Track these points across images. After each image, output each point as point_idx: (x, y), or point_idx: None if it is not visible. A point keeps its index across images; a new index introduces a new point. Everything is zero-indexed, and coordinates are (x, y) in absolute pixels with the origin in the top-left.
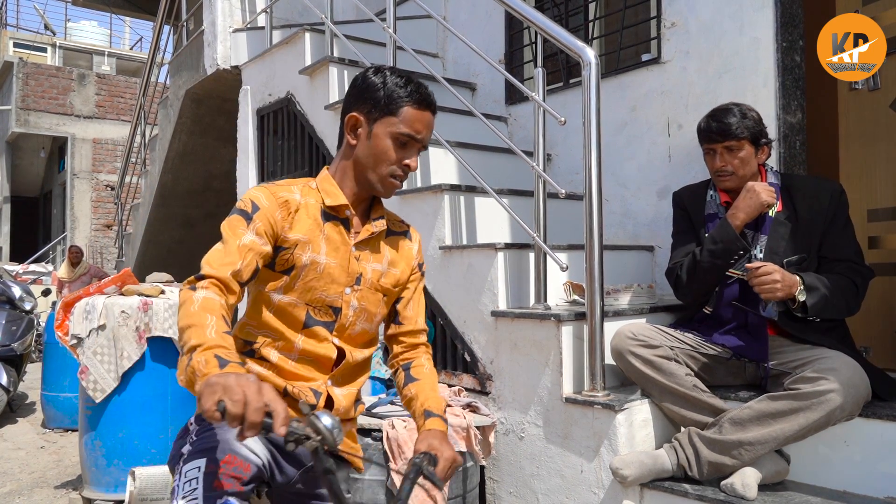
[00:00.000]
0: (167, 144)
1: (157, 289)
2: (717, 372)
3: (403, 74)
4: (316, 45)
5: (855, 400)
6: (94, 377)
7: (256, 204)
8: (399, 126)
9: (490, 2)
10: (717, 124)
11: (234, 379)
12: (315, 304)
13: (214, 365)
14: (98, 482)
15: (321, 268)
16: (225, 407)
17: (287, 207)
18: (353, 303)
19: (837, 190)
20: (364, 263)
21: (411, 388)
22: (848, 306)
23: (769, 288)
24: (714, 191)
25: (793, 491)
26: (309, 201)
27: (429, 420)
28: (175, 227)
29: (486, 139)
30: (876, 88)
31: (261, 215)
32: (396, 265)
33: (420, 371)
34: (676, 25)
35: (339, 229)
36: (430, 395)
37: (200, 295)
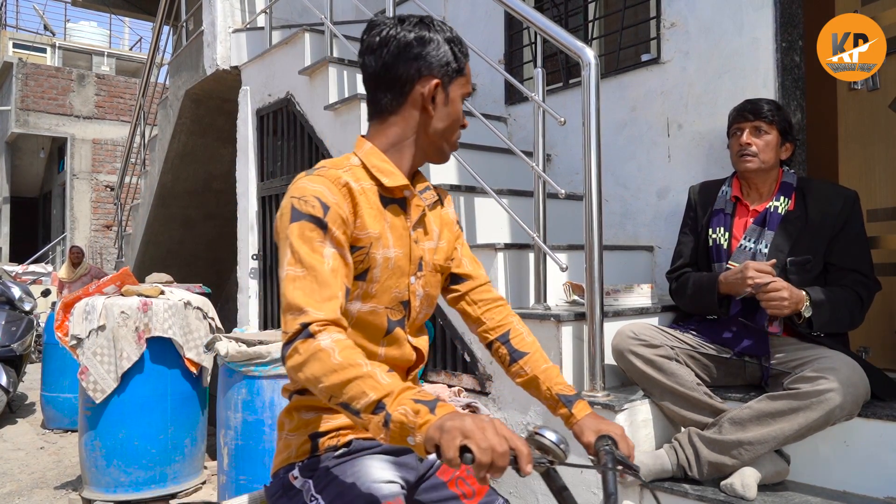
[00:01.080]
0: (167, 145)
1: (157, 289)
2: (717, 372)
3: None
4: (315, 46)
5: (854, 399)
6: (94, 377)
7: (325, 202)
8: (466, 85)
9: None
10: (752, 105)
11: (470, 422)
12: (392, 305)
13: (425, 411)
14: (98, 483)
15: (392, 262)
16: (473, 457)
17: (351, 197)
18: (419, 291)
19: (851, 197)
20: (422, 244)
21: (524, 367)
22: (852, 321)
23: (777, 305)
24: (728, 186)
25: (793, 491)
26: (364, 185)
27: (575, 407)
28: (175, 227)
29: (485, 139)
30: (875, 89)
31: (334, 219)
32: (443, 237)
33: (523, 341)
34: (676, 26)
35: (398, 213)
36: (552, 374)
37: (327, 342)
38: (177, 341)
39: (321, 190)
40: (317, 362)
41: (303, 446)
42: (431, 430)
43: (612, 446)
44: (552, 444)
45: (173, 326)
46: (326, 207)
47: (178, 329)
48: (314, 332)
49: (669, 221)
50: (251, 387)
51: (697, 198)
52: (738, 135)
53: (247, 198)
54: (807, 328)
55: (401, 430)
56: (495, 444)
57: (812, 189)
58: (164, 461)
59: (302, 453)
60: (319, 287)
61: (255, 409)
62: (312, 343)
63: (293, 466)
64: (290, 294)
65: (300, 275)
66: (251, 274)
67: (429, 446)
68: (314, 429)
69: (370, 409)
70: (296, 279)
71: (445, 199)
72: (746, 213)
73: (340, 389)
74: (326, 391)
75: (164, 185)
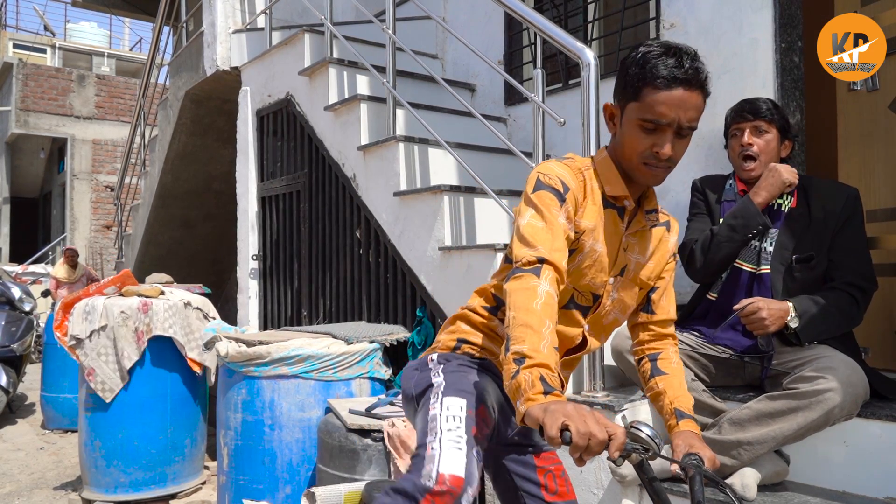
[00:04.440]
0: (167, 145)
1: (157, 290)
2: (717, 372)
3: (659, 49)
4: (315, 47)
5: (853, 399)
6: (101, 378)
7: (566, 184)
8: (641, 112)
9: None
10: (750, 105)
11: (572, 409)
12: (581, 289)
13: (539, 391)
14: (98, 483)
15: (597, 256)
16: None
17: (584, 188)
18: (614, 293)
19: (853, 194)
20: (630, 254)
21: (658, 383)
22: (848, 322)
23: (758, 325)
24: (733, 180)
25: (792, 491)
26: (594, 185)
27: (682, 421)
28: (175, 227)
29: (485, 140)
30: (875, 89)
31: (571, 197)
32: (654, 256)
33: (668, 365)
34: (675, 26)
35: (614, 218)
36: (680, 393)
37: (545, 289)
38: (178, 340)
39: (564, 174)
40: (525, 296)
41: (448, 343)
42: (536, 410)
43: (700, 461)
44: (647, 437)
45: (174, 326)
46: (567, 188)
47: (180, 329)
48: (542, 273)
49: None
50: (251, 387)
51: (705, 187)
52: (739, 135)
53: (247, 198)
54: (796, 339)
55: (515, 390)
56: (594, 431)
57: (814, 187)
58: (163, 461)
59: (445, 348)
60: (553, 238)
61: (255, 410)
62: (534, 281)
63: (434, 353)
64: (532, 234)
65: (541, 226)
66: (251, 274)
67: (529, 421)
68: (465, 337)
69: (514, 356)
70: (537, 227)
71: (673, 226)
72: None
73: (517, 326)
74: (510, 318)
75: (164, 186)
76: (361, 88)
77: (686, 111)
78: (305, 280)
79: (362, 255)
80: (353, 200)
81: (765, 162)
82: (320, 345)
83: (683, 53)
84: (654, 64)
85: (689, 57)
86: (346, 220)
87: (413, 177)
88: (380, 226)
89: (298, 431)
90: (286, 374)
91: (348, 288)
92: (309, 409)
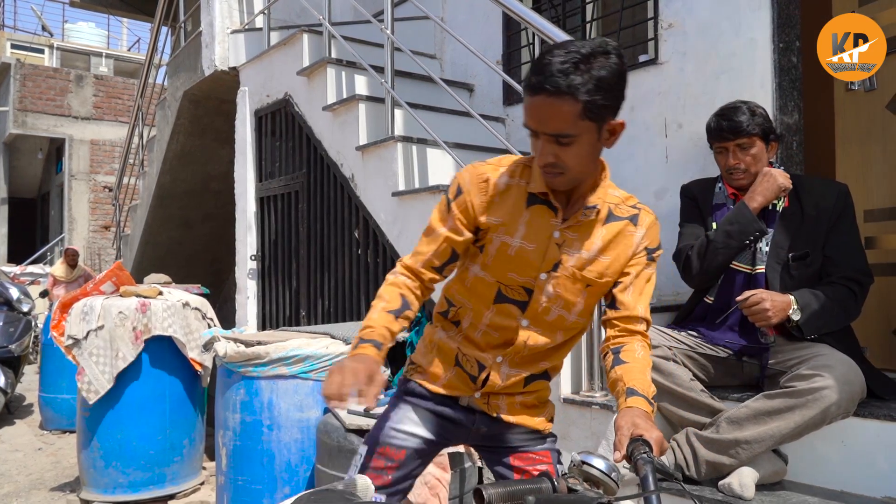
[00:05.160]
0: (165, 145)
1: (155, 290)
2: (715, 372)
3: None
4: (314, 47)
5: (850, 396)
6: (88, 378)
7: (460, 188)
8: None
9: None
10: (728, 123)
11: (348, 362)
12: (506, 283)
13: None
14: (96, 484)
15: (513, 250)
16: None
17: (485, 189)
18: (548, 289)
19: (843, 191)
20: (568, 249)
21: (617, 371)
22: (847, 316)
23: (762, 316)
24: (722, 183)
25: (790, 490)
26: (519, 182)
27: (631, 398)
28: (173, 227)
29: (484, 140)
30: (872, 89)
31: (460, 202)
32: (608, 252)
33: (630, 356)
34: (674, 26)
35: (544, 213)
36: (638, 377)
37: (391, 277)
38: (179, 340)
39: (464, 178)
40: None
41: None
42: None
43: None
44: (601, 474)
45: (174, 325)
46: (459, 192)
47: (179, 328)
48: (396, 270)
49: (668, 222)
50: (250, 387)
51: (695, 192)
52: (724, 153)
53: (245, 198)
54: (798, 332)
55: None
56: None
57: (804, 185)
58: (162, 462)
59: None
60: (421, 245)
61: (254, 410)
62: (389, 276)
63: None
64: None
65: (423, 237)
66: (250, 274)
67: None
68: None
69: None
70: (422, 237)
71: (642, 219)
72: None
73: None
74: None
75: (162, 186)
76: (360, 88)
77: (546, 120)
78: (304, 280)
79: (361, 255)
80: (351, 201)
81: (755, 173)
82: (319, 345)
83: (558, 57)
84: (531, 67)
85: (566, 61)
86: (344, 221)
87: (411, 177)
88: (378, 226)
89: (297, 432)
90: (285, 375)
91: (347, 288)
92: (307, 409)
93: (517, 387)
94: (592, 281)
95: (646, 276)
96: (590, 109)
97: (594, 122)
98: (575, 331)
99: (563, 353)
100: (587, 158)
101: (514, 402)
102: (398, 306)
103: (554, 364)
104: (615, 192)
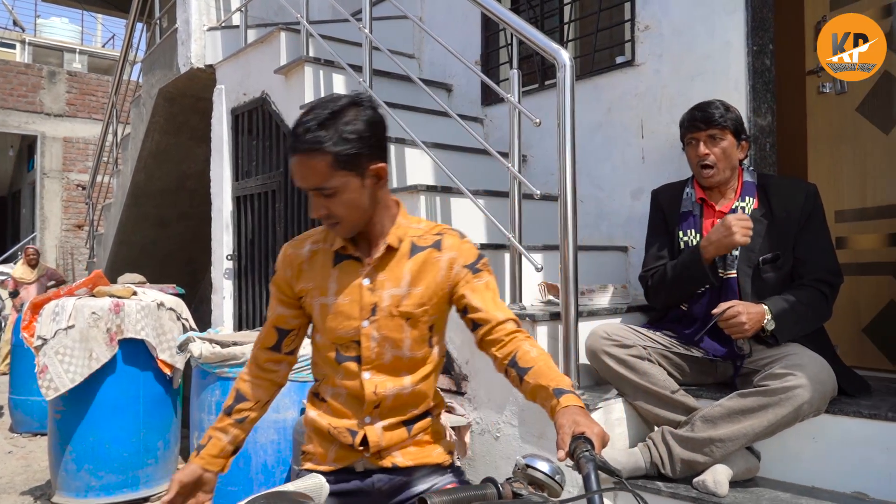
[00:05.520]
0: (140, 143)
1: (129, 290)
2: (690, 371)
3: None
4: (291, 45)
5: (822, 395)
6: (50, 376)
7: (276, 270)
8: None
9: (466, 3)
10: (702, 113)
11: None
12: (339, 342)
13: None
14: (68, 487)
15: (331, 308)
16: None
17: (293, 264)
18: (374, 334)
19: (812, 191)
20: (380, 292)
21: (528, 380)
22: (819, 318)
23: (738, 329)
24: (691, 188)
25: (763, 487)
26: (323, 246)
27: (562, 397)
28: (148, 226)
29: (462, 140)
30: (843, 92)
31: (277, 281)
32: (419, 283)
33: (528, 358)
34: (650, 28)
35: (351, 266)
36: (552, 375)
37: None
38: (150, 343)
39: (279, 260)
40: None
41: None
42: None
43: (591, 449)
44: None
45: (146, 328)
46: (275, 275)
47: (152, 330)
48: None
49: (644, 222)
50: (225, 388)
51: (664, 200)
52: (694, 144)
53: (221, 197)
54: (773, 339)
55: None
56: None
57: (773, 186)
58: (136, 464)
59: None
60: (261, 332)
61: None
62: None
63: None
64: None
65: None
66: (226, 274)
67: None
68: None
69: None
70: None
71: (445, 243)
72: (713, 214)
73: None
74: None
75: (136, 185)
76: (338, 87)
77: (306, 177)
78: None
79: None
80: None
81: (722, 168)
82: None
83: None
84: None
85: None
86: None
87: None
88: None
89: (273, 432)
90: None
91: None
92: (284, 409)
93: (402, 436)
94: (411, 314)
95: (482, 287)
96: (340, 161)
97: (350, 170)
98: (422, 365)
99: (428, 389)
100: (358, 204)
101: (407, 448)
102: (231, 402)
103: (428, 404)
104: (418, 226)
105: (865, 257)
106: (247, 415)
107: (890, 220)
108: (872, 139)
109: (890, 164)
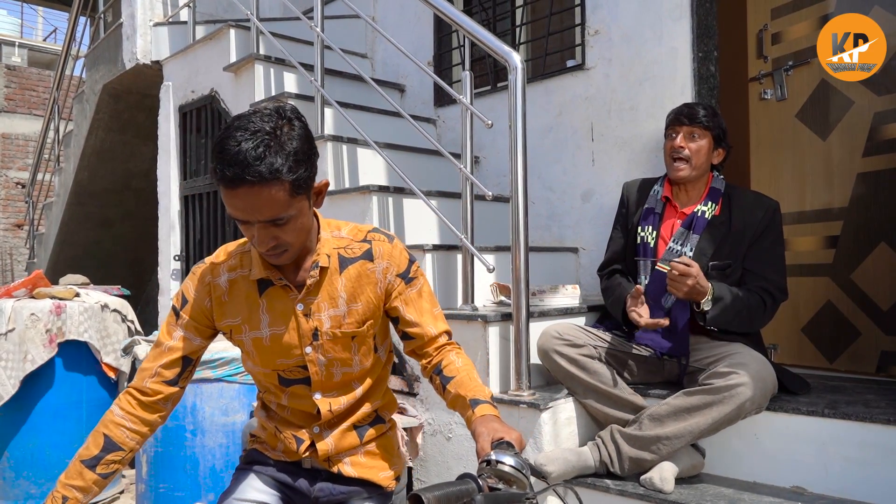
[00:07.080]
0: (83, 141)
1: (72, 291)
2: (638, 370)
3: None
4: (241, 42)
5: (763, 393)
6: None
7: (186, 297)
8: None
9: (419, 4)
10: (689, 109)
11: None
12: (281, 369)
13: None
14: (5, 496)
15: (267, 340)
16: None
17: (211, 294)
18: (320, 358)
19: (773, 207)
20: (318, 315)
21: (450, 389)
22: (753, 323)
23: (679, 284)
24: (660, 186)
25: (708, 483)
26: (242, 273)
27: (478, 407)
28: (91, 227)
29: (414, 141)
30: (783, 98)
31: (188, 310)
32: (357, 299)
33: (452, 368)
34: (600, 33)
35: (279, 294)
36: (471, 386)
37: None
38: (93, 345)
39: (189, 287)
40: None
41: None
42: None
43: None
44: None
45: (89, 330)
46: (185, 301)
47: (95, 333)
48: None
49: (594, 223)
50: None
51: (631, 195)
52: (673, 137)
53: (168, 197)
54: (702, 320)
55: None
56: None
57: (737, 197)
58: None
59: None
60: (148, 361)
61: (176, 415)
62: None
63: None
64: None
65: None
66: (173, 275)
67: None
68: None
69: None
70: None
71: (377, 250)
72: (675, 214)
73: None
74: None
75: (80, 183)
76: (289, 86)
77: (259, 209)
78: None
79: None
80: None
81: (695, 165)
82: None
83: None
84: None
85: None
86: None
87: (341, 177)
88: None
89: (222, 436)
90: (209, 378)
91: None
92: (233, 413)
93: (353, 441)
94: (355, 332)
95: (415, 297)
96: (297, 185)
97: (303, 194)
98: (372, 371)
99: (379, 392)
100: (306, 227)
101: (357, 456)
102: (97, 451)
103: (378, 405)
104: (339, 233)
105: (804, 259)
106: (116, 468)
107: (827, 223)
108: (811, 145)
109: (827, 169)
